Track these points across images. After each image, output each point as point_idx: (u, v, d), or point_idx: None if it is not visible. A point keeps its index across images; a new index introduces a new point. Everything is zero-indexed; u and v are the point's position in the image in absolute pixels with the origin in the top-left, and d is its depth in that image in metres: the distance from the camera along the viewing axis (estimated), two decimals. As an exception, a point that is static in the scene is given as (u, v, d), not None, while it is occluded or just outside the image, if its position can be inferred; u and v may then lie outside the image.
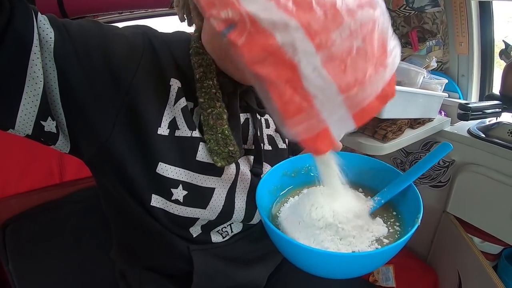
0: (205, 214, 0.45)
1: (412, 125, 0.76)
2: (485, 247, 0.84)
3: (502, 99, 0.85)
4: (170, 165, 0.42)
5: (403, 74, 0.68)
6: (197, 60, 0.44)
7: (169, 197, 0.42)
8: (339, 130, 0.30)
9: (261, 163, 0.50)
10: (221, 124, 0.42)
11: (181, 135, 0.43)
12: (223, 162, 0.42)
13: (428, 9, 1.00)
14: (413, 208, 0.33)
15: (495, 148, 0.77)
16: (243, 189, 0.49)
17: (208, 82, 0.43)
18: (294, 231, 0.33)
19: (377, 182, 0.39)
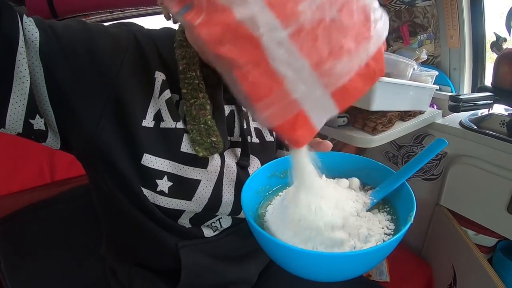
0: (191, 206, 0.45)
1: (403, 118, 0.76)
2: (480, 240, 0.84)
3: (494, 90, 0.85)
4: (155, 156, 0.42)
5: (392, 66, 0.68)
6: (180, 52, 0.44)
7: (154, 188, 0.42)
8: (320, 114, 0.27)
9: (247, 156, 0.50)
10: (204, 114, 0.42)
11: (165, 126, 0.43)
12: (205, 152, 0.42)
13: (419, 3, 1.00)
14: (407, 206, 0.32)
15: (487, 139, 0.76)
16: (230, 182, 0.48)
17: (191, 73, 0.43)
18: (278, 230, 0.32)
19: (371, 181, 0.38)
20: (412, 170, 0.35)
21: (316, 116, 0.27)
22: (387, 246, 0.27)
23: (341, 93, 0.26)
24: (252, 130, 0.53)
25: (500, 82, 0.85)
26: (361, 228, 0.30)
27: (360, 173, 0.38)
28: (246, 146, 0.50)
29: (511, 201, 0.73)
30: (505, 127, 0.79)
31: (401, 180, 0.34)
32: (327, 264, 0.27)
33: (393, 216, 0.34)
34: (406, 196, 0.33)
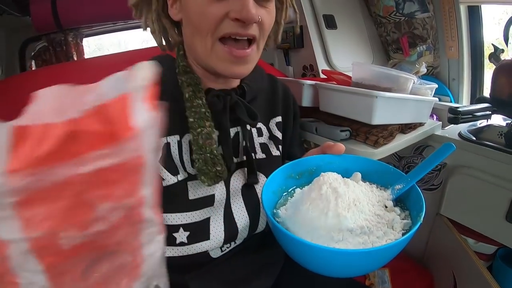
0: (212, 244, 0.47)
1: (403, 130, 0.78)
2: (479, 248, 0.86)
3: (492, 101, 0.87)
4: (166, 213, 0.44)
5: (393, 81, 0.70)
6: (185, 79, 0.46)
7: (174, 242, 0.45)
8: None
9: (255, 173, 0.51)
10: (210, 144, 0.44)
11: (168, 184, 0.45)
12: (210, 181, 0.44)
13: (418, 15, 1.02)
14: (417, 206, 0.33)
15: (486, 150, 0.78)
16: (240, 207, 0.50)
17: (198, 101, 0.45)
18: (293, 227, 0.33)
19: (382, 181, 0.39)
20: (422, 173, 0.36)
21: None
22: (395, 245, 0.28)
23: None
24: (257, 146, 0.55)
25: (498, 93, 0.87)
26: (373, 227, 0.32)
27: (372, 175, 0.40)
28: (252, 164, 0.51)
29: (509, 210, 0.74)
30: (503, 138, 0.80)
31: (412, 182, 0.36)
32: (342, 259, 0.29)
33: (405, 214, 0.35)
34: (416, 198, 0.34)
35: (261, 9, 0.44)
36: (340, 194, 0.32)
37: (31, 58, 1.57)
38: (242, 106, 0.49)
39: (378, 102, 0.67)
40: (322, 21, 0.99)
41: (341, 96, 0.73)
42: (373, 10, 1.12)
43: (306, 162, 0.41)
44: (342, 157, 0.41)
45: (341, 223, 0.31)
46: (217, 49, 0.44)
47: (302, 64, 1.02)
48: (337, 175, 0.36)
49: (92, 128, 0.20)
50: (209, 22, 0.42)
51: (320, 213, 0.32)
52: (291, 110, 0.61)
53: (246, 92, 0.52)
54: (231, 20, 0.42)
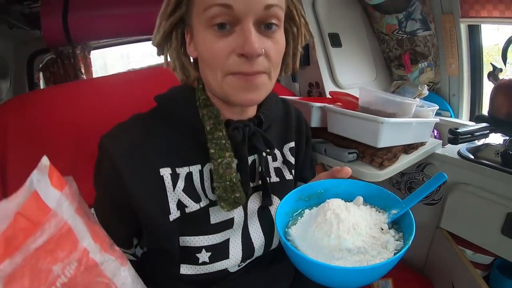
0: (231, 262, 0.51)
1: (406, 151, 0.82)
2: (477, 258, 0.91)
3: (490, 120, 0.91)
4: (189, 236, 0.49)
5: (397, 107, 0.74)
6: (206, 112, 0.49)
7: (197, 262, 0.49)
8: None
9: (269, 196, 0.55)
10: (230, 173, 0.47)
11: (191, 211, 0.49)
12: (229, 207, 0.48)
13: (419, 33, 1.06)
14: (409, 230, 0.38)
15: (483, 168, 0.83)
16: (256, 228, 0.55)
17: (218, 134, 0.48)
18: (300, 245, 0.38)
19: (380, 204, 0.44)
20: (415, 199, 0.40)
21: None
22: (387, 263, 0.33)
23: None
24: (272, 170, 0.58)
25: (496, 111, 0.91)
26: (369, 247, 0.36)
27: (373, 198, 0.44)
28: (266, 188, 0.55)
29: (505, 224, 0.79)
30: (499, 157, 0.85)
31: (406, 208, 0.40)
32: (340, 275, 0.34)
33: (400, 236, 0.39)
34: (409, 222, 0.39)
35: (266, 40, 0.45)
36: (342, 219, 0.37)
37: (39, 70, 1.59)
38: (259, 136, 0.53)
39: (384, 127, 0.71)
40: (327, 39, 1.02)
41: (348, 120, 0.77)
42: (376, 27, 1.16)
43: (315, 186, 0.46)
44: (347, 182, 0.45)
45: (341, 244, 0.36)
46: (228, 81, 0.46)
47: (308, 81, 1.06)
48: (340, 202, 0.41)
49: (21, 227, 0.29)
50: (217, 58, 0.44)
51: (324, 235, 0.37)
52: (303, 135, 0.65)
53: (263, 121, 0.55)
54: (237, 56, 0.44)
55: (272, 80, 0.49)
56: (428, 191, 0.41)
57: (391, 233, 0.39)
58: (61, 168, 0.91)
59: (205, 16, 0.44)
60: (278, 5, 0.45)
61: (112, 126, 0.81)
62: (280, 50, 0.48)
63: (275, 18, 0.45)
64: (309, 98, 0.97)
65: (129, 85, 0.92)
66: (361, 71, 1.10)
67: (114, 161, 0.46)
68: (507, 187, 0.78)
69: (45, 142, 0.77)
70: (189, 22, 0.48)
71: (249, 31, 0.42)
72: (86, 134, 0.80)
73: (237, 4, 0.42)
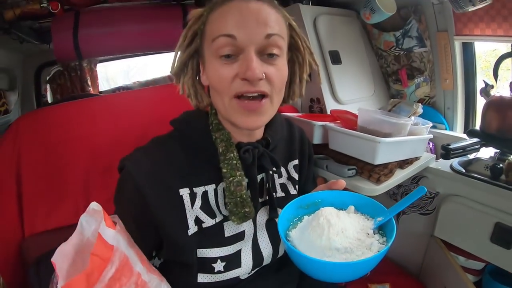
0: (243, 270, 0.58)
1: (401, 166, 0.88)
2: (470, 264, 0.96)
3: (481, 134, 0.97)
4: (206, 249, 0.55)
5: (393, 127, 0.80)
6: (219, 135, 0.55)
7: (213, 271, 0.55)
8: None
9: (275, 209, 0.61)
10: (240, 190, 0.53)
11: (207, 226, 0.55)
12: (239, 221, 0.54)
13: (416, 49, 1.11)
14: (391, 234, 0.44)
15: (473, 182, 0.88)
16: (264, 239, 0.61)
17: (230, 155, 0.54)
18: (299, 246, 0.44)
19: (369, 212, 0.50)
20: (398, 209, 0.47)
21: None
22: (369, 260, 0.40)
23: None
24: (277, 186, 0.65)
25: (487, 126, 0.96)
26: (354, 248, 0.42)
27: (363, 207, 0.50)
28: (273, 202, 0.61)
29: (493, 233, 0.84)
30: (488, 171, 0.91)
31: (389, 216, 0.46)
32: (328, 268, 0.40)
33: (384, 239, 0.45)
34: (391, 228, 0.45)
35: (268, 67, 0.50)
36: (332, 224, 0.44)
37: (46, 82, 1.63)
38: (267, 156, 0.59)
39: (381, 146, 0.77)
40: (328, 57, 1.08)
41: (348, 139, 0.83)
42: (374, 43, 1.21)
43: (313, 196, 0.52)
44: (342, 193, 0.52)
45: (331, 244, 0.42)
46: (233, 104, 0.51)
47: (309, 97, 1.11)
48: (332, 210, 0.47)
49: (96, 265, 0.36)
50: (223, 83, 0.50)
51: (317, 236, 0.43)
52: (306, 153, 0.71)
53: (270, 143, 0.61)
54: (241, 80, 0.50)
55: (274, 105, 0.55)
56: (410, 202, 0.47)
57: (375, 237, 0.45)
58: (75, 183, 0.96)
59: (213, 47, 0.50)
60: (278, 34, 0.51)
61: (123, 142, 0.87)
62: (282, 76, 0.54)
63: (276, 47, 0.51)
64: (311, 115, 1.02)
65: (139, 102, 0.96)
66: (360, 86, 1.15)
67: (138, 184, 0.51)
68: (495, 199, 0.84)
69: (58, 157, 0.81)
70: (202, 53, 0.54)
71: (251, 58, 0.49)
72: (98, 150, 0.85)
73: (240, 34, 0.49)
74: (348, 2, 1.22)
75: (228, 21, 0.50)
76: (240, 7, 0.50)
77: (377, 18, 0.99)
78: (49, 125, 0.83)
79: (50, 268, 0.74)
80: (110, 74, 2.40)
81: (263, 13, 0.50)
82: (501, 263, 0.83)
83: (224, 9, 0.51)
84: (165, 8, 1.26)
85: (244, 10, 0.50)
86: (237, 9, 0.50)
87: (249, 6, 0.50)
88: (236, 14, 0.50)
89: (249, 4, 0.50)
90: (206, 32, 0.53)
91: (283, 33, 0.53)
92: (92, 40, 1.20)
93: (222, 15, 0.51)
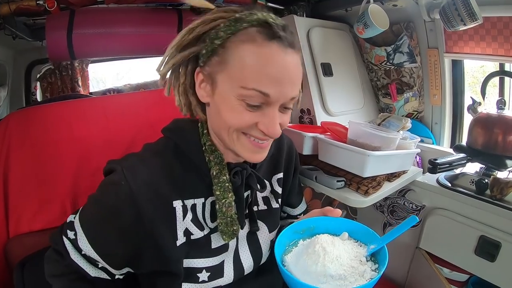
0: (225, 280, 0.58)
1: (389, 179, 0.90)
2: (454, 276, 0.98)
3: (468, 149, 0.99)
4: (192, 259, 0.55)
5: (382, 141, 0.81)
6: (213, 158, 0.55)
7: (197, 280, 0.56)
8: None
9: (255, 222, 0.62)
10: (230, 210, 0.55)
11: (196, 237, 0.56)
12: (228, 238, 0.55)
13: (406, 65, 1.14)
14: (383, 261, 0.45)
15: (459, 196, 0.90)
16: (245, 248, 0.62)
17: (223, 178, 0.55)
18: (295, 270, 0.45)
19: (362, 239, 0.51)
20: (390, 237, 0.48)
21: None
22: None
23: None
24: (260, 199, 0.65)
25: (474, 142, 0.99)
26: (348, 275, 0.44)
27: (356, 233, 0.52)
28: (253, 215, 0.62)
29: (477, 246, 0.86)
30: (474, 185, 0.93)
31: (382, 244, 0.47)
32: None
33: (376, 267, 0.47)
34: (383, 256, 0.46)
35: (283, 116, 0.52)
36: (327, 252, 0.46)
37: (37, 79, 1.60)
38: (254, 177, 0.60)
39: (370, 159, 0.78)
40: (320, 69, 1.09)
41: (338, 151, 0.84)
42: (365, 57, 1.23)
43: (309, 222, 0.54)
44: (336, 219, 0.53)
45: (325, 271, 0.44)
46: (241, 140, 0.52)
47: (300, 107, 1.12)
48: (328, 237, 0.49)
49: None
50: (241, 125, 0.50)
51: (313, 263, 0.45)
52: (292, 166, 0.71)
53: (258, 163, 0.61)
54: (258, 129, 0.50)
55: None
56: (402, 231, 0.49)
57: (368, 265, 0.46)
58: (63, 184, 0.94)
59: (240, 92, 0.48)
60: (297, 95, 0.52)
61: (114, 145, 0.86)
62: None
63: (293, 102, 0.53)
64: (302, 126, 1.03)
65: (131, 106, 0.95)
66: (350, 99, 1.17)
67: (133, 191, 0.49)
68: (480, 213, 0.86)
69: (48, 157, 0.80)
70: (209, 71, 0.50)
71: (275, 117, 0.50)
72: (88, 152, 0.84)
73: (274, 94, 0.48)
74: (341, 16, 1.25)
75: (267, 76, 0.47)
76: (279, 57, 0.48)
77: (370, 33, 1.01)
78: (39, 124, 0.81)
79: (35, 271, 0.71)
80: (99, 75, 2.37)
81: (296, 71, 0.51)
82: (485, 275, 0.85)
83: (261, 51, 0.47)
84: (161, 13, 1.26)
85: (282, 63, 0.48)
86: (276, 60, 0.48)
87: (286, 59, 0.48)
88: (275, 67, 0.47)
89: (286, 56, 0.48)
90: (229, 63, 0.48)
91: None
92: (86, 40, 1.18)
93: (259, 61, 0.47)
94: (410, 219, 0.49)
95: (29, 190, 0.77)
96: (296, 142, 0.76)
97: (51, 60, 1.38)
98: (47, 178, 0.79)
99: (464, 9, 0.87)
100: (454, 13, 0.89)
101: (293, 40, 0.50)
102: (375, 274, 0.44)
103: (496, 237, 0.82)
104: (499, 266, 0.82)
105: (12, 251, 0.73)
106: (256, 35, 0.48)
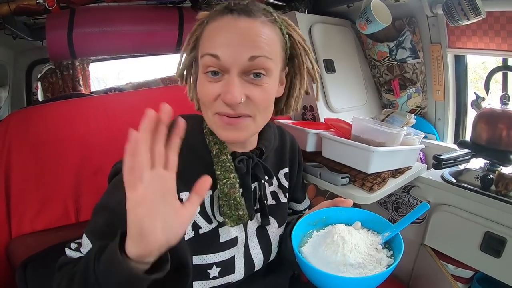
0: (236, 276, 0.58)
1: (394, 175, 0.89)
2: (459, 272, 0.98)
3: (472, 145, 0.99)
4: (202, 255, 0.54)
5: (386, 137, 0.81)
6: (212, 139, 0.56)
7: (208, 277, 0.55)
8: None
9: (267, 217, 0.62)
10: (234, 192, 0.54)
11: (204, 231, 0.55)
12: (232, 223, 0.54)
13: (409, 60, 1.13)
14: (399, 248, 0.46)
15: (464, 191, 0.90)
16: (255, 246, 0.61)
17: (223, 157, 0.55)
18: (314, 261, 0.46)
19: (375, 227, 0.52)
20: (404, 224, 0.49)
21: None
22: (381, 275, 0.42)
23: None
24: (268, 194, 0.65)
25: (478, 138, 0.98)
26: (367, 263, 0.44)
27: (369, 222, 0.52)
28: (264, 210, 0.61)
29: (483, 242, 0.86)
30: (479, 181, 0.93)
31: (396, 231, 0.48)
32: (346, 283, 0.42)
33: (391, 253, 0.48)
34: (398, 243, 0.47)
35: (252, 88, 0.49)
36: (346, 241, 0.46)
37: (38, 79, 1.60)
38: (261, 166, 0.59)
39: (374, 155, 0.78)
40: (322, 65, 1.08)
41: (342, 147, 0.83)
42: (368, 53, 1.22)
43: (320, 213, 0.54)
44: (347, 209, 0.54)
45: (345, 260, 0.44)
46: (215, 120, 0.52)
47: (302, 104, 1.10)
48: (344, 227, 0.49)
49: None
50: (207, 99, 0.51)
51: (332, 253, 0.46)
52: (296, 161, 0.72)
53: (264, 153, 0.61)
54: (222, 101, 0.49)
55: (257, 123, 0.54)
56: (414, 217, 0.50)
57: (384, 252, 0.47)
58: (65, 184, 0.94)
59: (201, 63, 0.51)
60: (264, 56, 0.49)
61: (116, 144, 0.86)
62: (267, 96, 0.52)
63: (261, 69, 0.49)
64: (305, 123, 1.03)
65: (132, 105, 0.95)
66: (353, 95, 1.17)
67: None
68: (485, 208, 0.85)
69: (50, 157, 0.79)
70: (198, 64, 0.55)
71: (232, 82, 0.48)
72: (90, 152, 0.83)
73: (224, 55, 0.48)
74: (343, 12, 1.24)
75: (216, 39, 0.49)
76: (229, 25, 0.49)
77: (373, 29, 1.00)
78: (40, 123, 0.81)
79: (37, 271, 0.71)
80: (100, 75, 2.37)
81: (251, 33, 0.49)
82: (491, 271, 0.84)
83: (215, 25, 0.51)
84: (162, 10, 1.26)
85: (232, 28, 0.49)
86: (226, 27, 0.49)
87: (237, 24, 0.49)
88: (223, 33, 0.49)
89: (238, 23, 0.49)
90: (200, 44, 0.53)
91: (273, 53, 0.51)
92: (86, 39, 1.18)
93: (213, 31, 0.50)
94: (422, 206, 0.50)
95: (31, 190, 0.77)
96: (299, 139, 0.75)
97: (52, 59, 1.38)
98: (48, 178, 0.79)
99: (467, 3, 0.86)
100: (457, 8, 0.89)
101: (250, 9, 0.50)
102: (391, 260, 0.45)
103: (501, 233, 0.81)
104: (504, 262, 0.81)
105: (14, 251, 0.73)
106: (214, 15, 0.52)
